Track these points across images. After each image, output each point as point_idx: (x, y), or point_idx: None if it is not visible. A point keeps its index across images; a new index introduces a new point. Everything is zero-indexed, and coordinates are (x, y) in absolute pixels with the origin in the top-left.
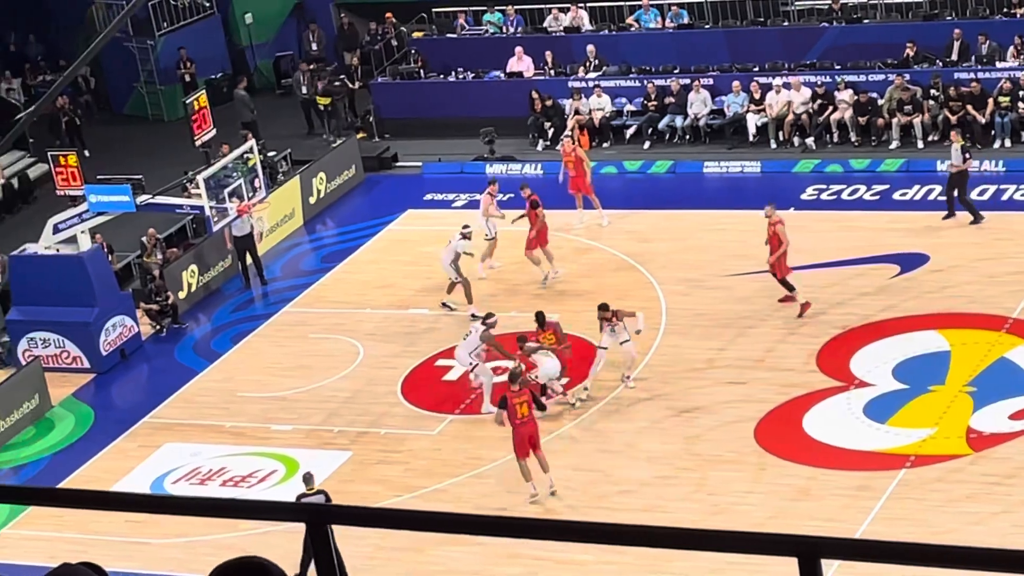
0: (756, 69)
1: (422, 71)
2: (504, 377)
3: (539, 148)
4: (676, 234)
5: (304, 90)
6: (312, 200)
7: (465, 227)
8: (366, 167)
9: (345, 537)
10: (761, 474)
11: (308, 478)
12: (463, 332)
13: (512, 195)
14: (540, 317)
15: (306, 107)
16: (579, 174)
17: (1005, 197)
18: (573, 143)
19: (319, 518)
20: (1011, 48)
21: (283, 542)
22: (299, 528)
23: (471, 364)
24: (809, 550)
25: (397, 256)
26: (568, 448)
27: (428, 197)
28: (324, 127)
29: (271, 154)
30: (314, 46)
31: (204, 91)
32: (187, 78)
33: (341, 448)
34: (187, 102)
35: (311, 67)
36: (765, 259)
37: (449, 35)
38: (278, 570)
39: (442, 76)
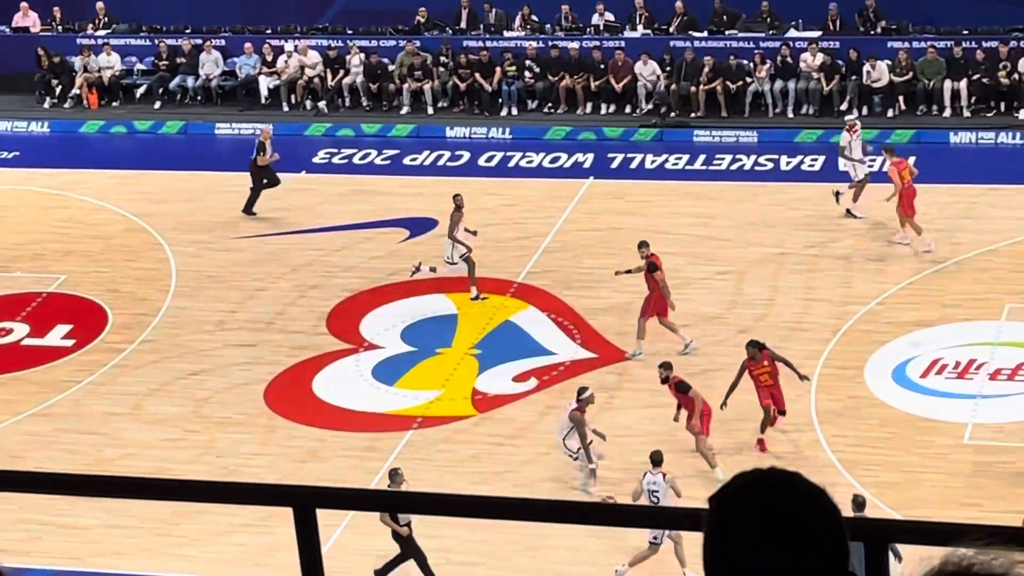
0: (269, 31)
1: None
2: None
3: (46, 106)
4: (187, 195)
5: None
6: None
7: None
8: None
9: None
10: (270, 436)
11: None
12: None
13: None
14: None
15: None
16: None
17: (512, 164)
18: None
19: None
20: (518, 17)
21: None
22: None
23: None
24: (304, 500)
25: None
26: (72, 411)
27: None
28: None
29: None
30: None
31: None
32: None
33: None
34: None
35: None
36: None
37: None
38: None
39: None
